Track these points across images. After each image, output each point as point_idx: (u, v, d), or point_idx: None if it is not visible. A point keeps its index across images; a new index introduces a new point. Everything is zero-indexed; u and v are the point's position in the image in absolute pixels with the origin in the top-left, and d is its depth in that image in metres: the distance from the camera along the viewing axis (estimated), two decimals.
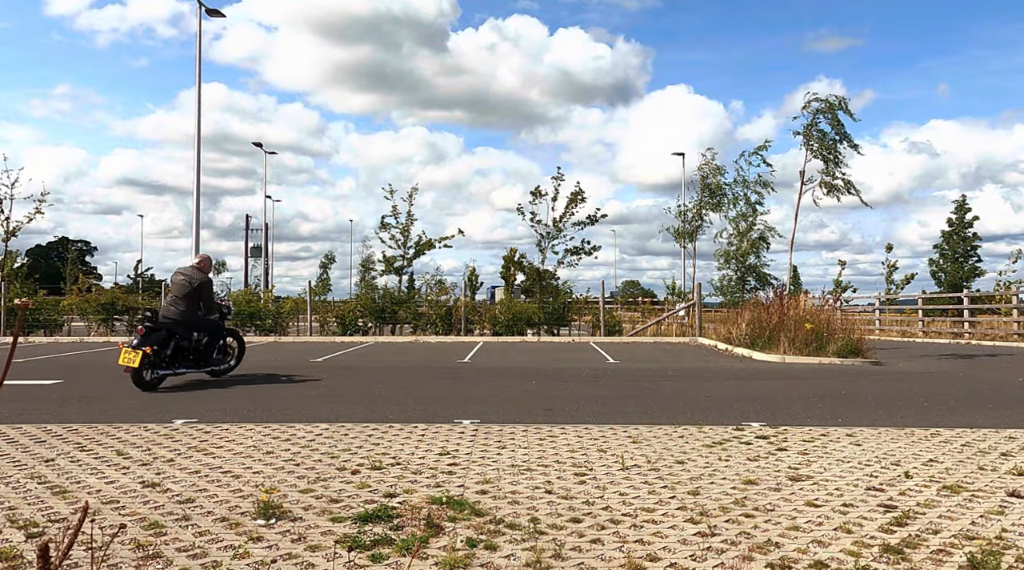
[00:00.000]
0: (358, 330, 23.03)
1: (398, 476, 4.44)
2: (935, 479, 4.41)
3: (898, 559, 3.06)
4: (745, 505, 3.84)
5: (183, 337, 9.51)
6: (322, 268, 52.97)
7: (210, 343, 9.90)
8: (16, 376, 10.68)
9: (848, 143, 21.17)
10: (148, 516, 3.62)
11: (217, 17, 23.65)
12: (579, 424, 6.29)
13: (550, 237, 22.98)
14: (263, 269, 52.25)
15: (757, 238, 25.99)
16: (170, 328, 9.38)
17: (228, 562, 3.01)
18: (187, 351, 9.61)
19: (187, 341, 9.58)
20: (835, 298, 19.23)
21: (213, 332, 9.92)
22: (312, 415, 7.03)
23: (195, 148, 23.28)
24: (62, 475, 4.45)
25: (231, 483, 4.26)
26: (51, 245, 73.47)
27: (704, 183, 27.48)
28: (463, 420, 6.62)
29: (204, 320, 9.77)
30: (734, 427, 6.12)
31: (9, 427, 6.04)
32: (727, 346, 16.55)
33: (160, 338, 9.19)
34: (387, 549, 3.14)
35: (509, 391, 9.11)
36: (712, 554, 3.12)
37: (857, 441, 5.55)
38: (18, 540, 3.25)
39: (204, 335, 9.78)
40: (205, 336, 9.80)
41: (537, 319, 22.29)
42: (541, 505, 3.83)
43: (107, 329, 23.26)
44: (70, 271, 43.62)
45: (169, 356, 9.31)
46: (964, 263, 34.58)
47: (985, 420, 6.96)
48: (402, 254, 23.74)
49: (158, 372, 9.11)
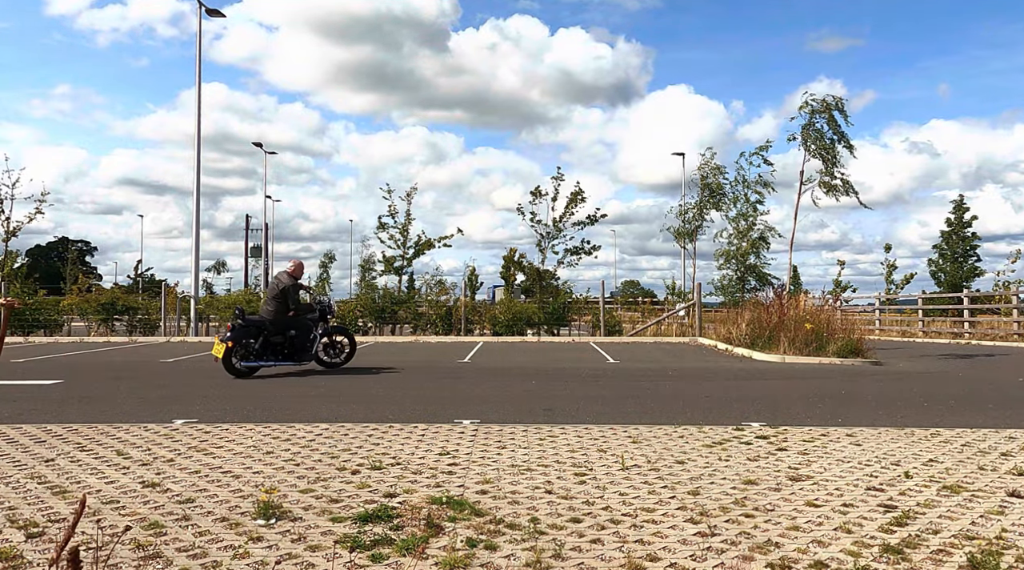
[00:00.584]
0: (358, 330, 23.02)
1: (398, 476, 4.44)
2: (935, 479, 4.41)
3: (898, 559, 3.06)
4: (745, 505, 3.84)
5: (273, 333, 10.81)
6: (322, 268, 52.99)
7: (300, 339, 10.99)
8: (16, 376, 10.68)
9: (844, 143, 21.18)
10: (148, 516, 3.62)
11: (217, 17, 23.66)
12: (579, 424, 6.29)
13: (550, 237, 22.98)
14: (263, 269, 52.21)
15: (757, 238, 25.96)
16: (259, 325, 10.75)
17: (228, 562, 3.01)
18: (279, 345, 10.91)
19: (279, 336, 10.87)
20: (835, 298, 19.24)
21: (302, 329, 11.01)
22: (312, 415, 7.03)
23: (195, 148, 23.29)
24: (62, 475, 4.45)
25: (231, 483, 4.27)
26: (51, 245, 73.48)
27: (704, 183, 27.46)
28: (463, 420, 6.62)
29: (293, 319, 10.93)
30: (734, 427, 6.12)
31: (9, 427, 6.04)
32: (727, 346, 16.55)
33: (246, 333, 10.58)
34: (387, 549, 3.14)
35: (509, 391, 9.11)
36: (712, 554, 3.12)
37: (857, 441, 5.55)
38: (18, 540, 3.25)
39: (294, 332, 10.94)
40: (295, 333, 10.94)
41: (537, 319, 22.29)
42: (541, 505, 3.83)
43: (107, 329, 23.26)
44: (70, 271, 43.66)
45: (258, 349, 10.67)
46: (963, 263, 34.59)
47: (985, 420, 6.96)
48: (402, 254, 23.74)
49: (248, 362, 10.57)
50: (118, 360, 14.03)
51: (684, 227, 28.87)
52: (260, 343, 10.70)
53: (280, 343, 10.89)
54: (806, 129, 21.44)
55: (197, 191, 23.29)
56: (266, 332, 10.76)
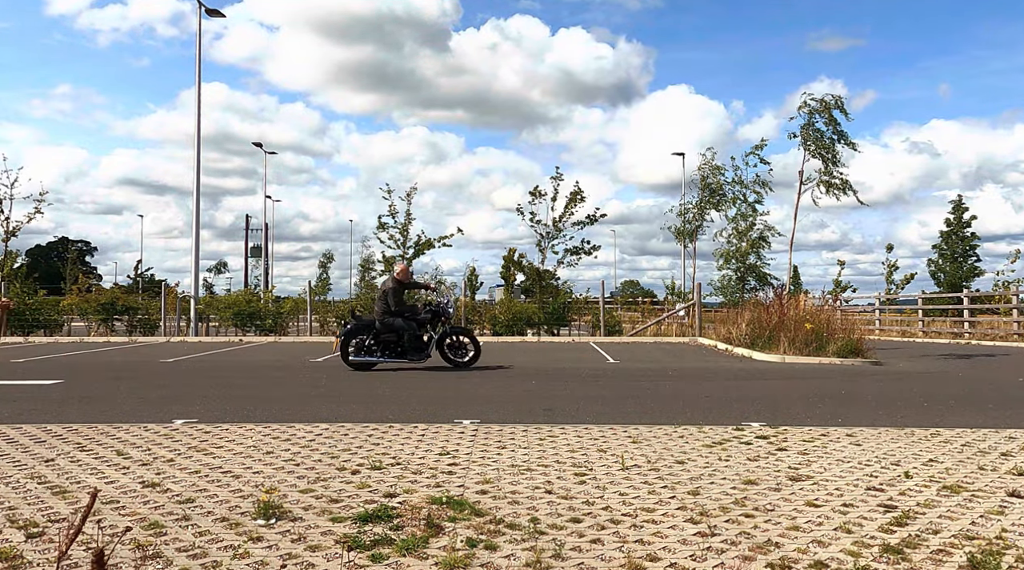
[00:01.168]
0: None
1: (398, 476, 4.44)
2: (935, 479, 4.41)
3: (898, 559, 3.07)
4: (745, 505, 3.84)
5: (383, 331, 11.44)
6: (321, 267, 53.00)
7: (410, 338, 11.46)
8: (16, 376, 10.68)
9: (845, 142, 21.19)
10: (148, 516, 3.62)
11: (217, 17, 23.66)
12: (579, 424, 6.29)
13: (550, 237, 22.98)
14: (263, 269, 52.23)
15: (757, 238, 25.97)
16: (369, 324, 11.51)
17: (228, 562, 3.01)
18: (393, 344, 11.50)
19: (391, 335, 11.47)
20: (835, 298, 19.25)
21: (409, 330, 11.46)
22: (312, 415, 7.03)
23: (195, 148, 23.29)
24: (62, 475, 4.45)
25: (231, 483, 4.27)
26: (51, 245, 73.51)
27: (704, 183, 27.48)
28: (463, 420, 6.62)
29: (398, 319, 11.44)
30: (734, 427, 6.12)
31: (9, 427, 6.04)
32: (727, 346, 16.55)
33: (356, 331, 11.44)
34: (387, 549, 3.14)
35: (509, 391, 9.11)
36: (712, 554, 3.12)
37: (857, 441, 5.55)
38: (18, 540, 3.25)
39: (402, 331, 11.45)
40: (403, 332, 11.45)
41: (537, 319, 22.29)
42: (541, 505, 3.83)
43: (107, 329, 23.26)
44: (70, 271, 43.64)
45: (372, 346, 11.43)
46: (963, 263, 34.63)
47: (985, 420, 6.96)
48: (401, 254, 23.72)
49: (359, 357, 11.37)
50: (118, 360, 14.03)
51: (685, 227, 28.89)
52: (371, 340, 11.43)
53: (394, 341, 11.49)
54: (805, 129, 21.46)
55: (197, 191, 23.29)
56: (376, 330, 11.44)
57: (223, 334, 23.51)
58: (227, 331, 23.61)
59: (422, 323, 11.71)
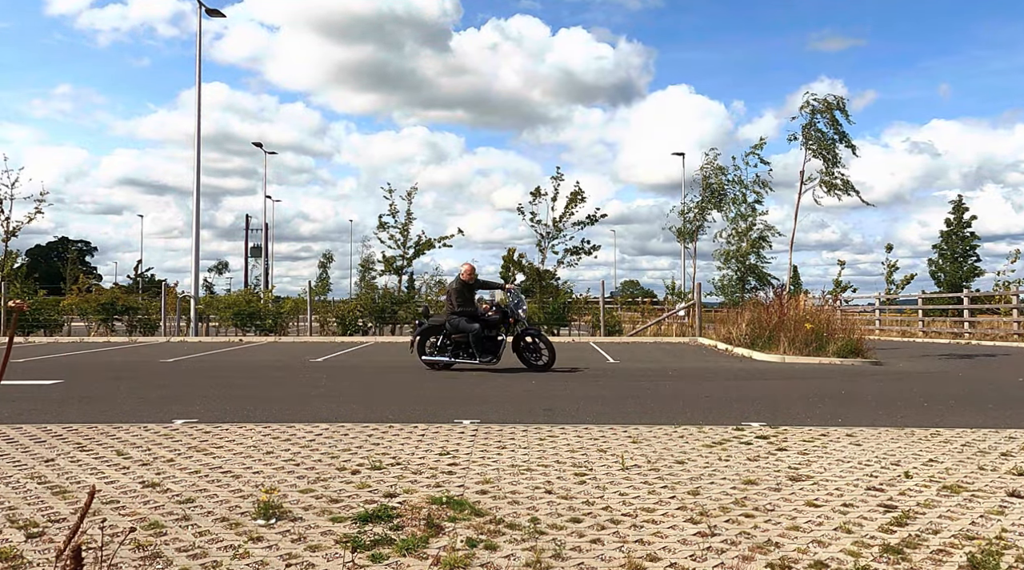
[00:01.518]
0: (358, 330, 23.04)
1: (398, 476, 4.44)
2: (935, 479, 4.41)
3: (898, 559, 3.07)
4: (745, 505, 3.84)
5: (452, 332, 11.38)
6: (321, 267, 53.00)
7: (476, 340, 11.30)
8: (16, 376, 10.68)
9: (845, 143, 21.19)
10: (148, 516, 3.62)
11: (217, 17, 23.67)
12: (579, 424, 6.29)
13: (550, 237, 23.01)
14: (263, 269, 52.25)
15: (757, 238, 25.97)
16: (440, 325, 11.48)
17: (228, 562, 3.01)
18: (465, 344, 11.44)
19: (461, 336, 11.38)
20: (835, 298, 19.25)
21: (475, 331, 11.30)
22: (312, 415, 7.03)
23: (195, 148, 23.29)
24: (62, 475, 4.45)
25: (231, 483, 4.27)
26: (51, 245, 73.49)
27: (706, 183, 27.47)
28: (463, 420, 6.62)
29: (463, 320, 11.34)
30: (734, 427, 6.12)
31: (9, 427, 6.04)
32: (727, 346, 16.55)
33: (427, 331, 11.52)
34: (387, 549, 3.14)
35: (509, 391, 9.11)
36: (712, 554, 3.12)
37: (857, 441, 5.55)
38: (18, 540, 3.25)
39: (469, 332, 11.34)
40: (469, 333, 11.33)
41: (537, 319, 22.28)
42: (541, 505, 3.83)
43: (107, 329, 23.27)
44: (70, 271, 43.58)
45: (446, 345, 11.45)
46: (963, 263, 34.63)
47: (985, 420, 6.96)
48: (401, 254, 23.75)
49: (430, 356, 11.45)
50: (118, 360, 14.04)
51: (686, 227, 28.89)
52: (442, 341, 11.44)
53: (466, 342, 11.42)
54: (807, 129, 21.45)
55: (197, 191, 23.29)
56: (446, 330, 11.41)
57: (223, 334, 23.52)
58: (227, 331, 23.62)
59: (490, 324, 11.50)
